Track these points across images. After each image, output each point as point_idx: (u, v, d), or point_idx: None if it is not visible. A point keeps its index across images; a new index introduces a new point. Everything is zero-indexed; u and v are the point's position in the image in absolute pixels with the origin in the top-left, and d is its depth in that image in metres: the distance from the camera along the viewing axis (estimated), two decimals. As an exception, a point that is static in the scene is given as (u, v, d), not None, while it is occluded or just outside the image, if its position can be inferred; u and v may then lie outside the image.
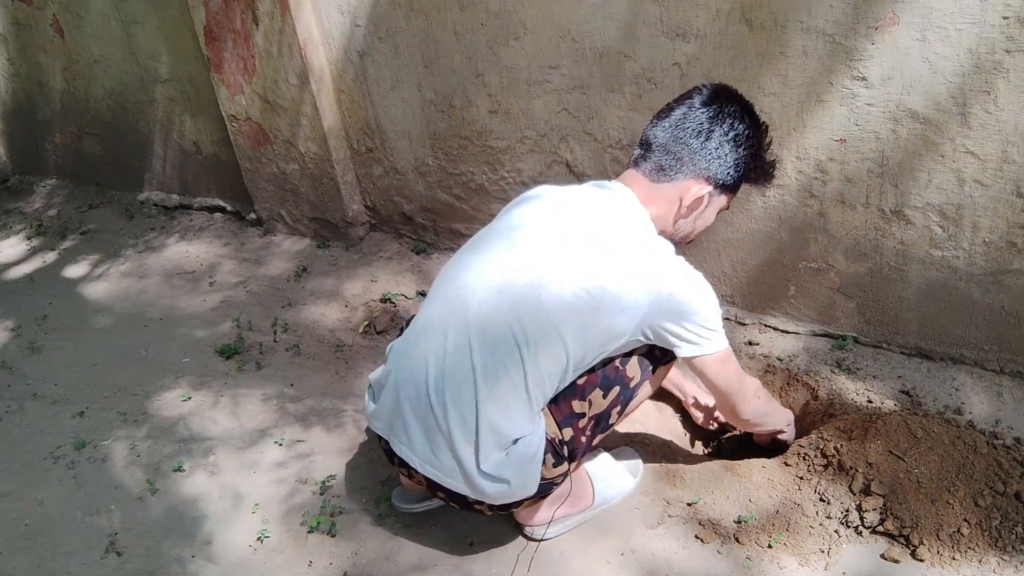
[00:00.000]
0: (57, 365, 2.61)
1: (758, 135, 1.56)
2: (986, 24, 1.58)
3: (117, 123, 3.50)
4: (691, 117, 1.51)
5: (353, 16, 2.52)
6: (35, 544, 1.93)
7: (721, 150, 1.51)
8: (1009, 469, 1.67)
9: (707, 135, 1.50)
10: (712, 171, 1.52)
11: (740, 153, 1.52)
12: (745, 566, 1.63)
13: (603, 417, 1.57)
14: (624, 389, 1.56)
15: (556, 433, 1.53)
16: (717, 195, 1.57)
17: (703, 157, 1.51)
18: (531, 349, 1.43)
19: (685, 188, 1.53)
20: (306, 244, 3.09)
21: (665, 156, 1.52)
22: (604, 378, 1.54)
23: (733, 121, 1.51)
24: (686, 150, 1.51)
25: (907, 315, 2.01)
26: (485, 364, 1.44)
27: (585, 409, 1.54)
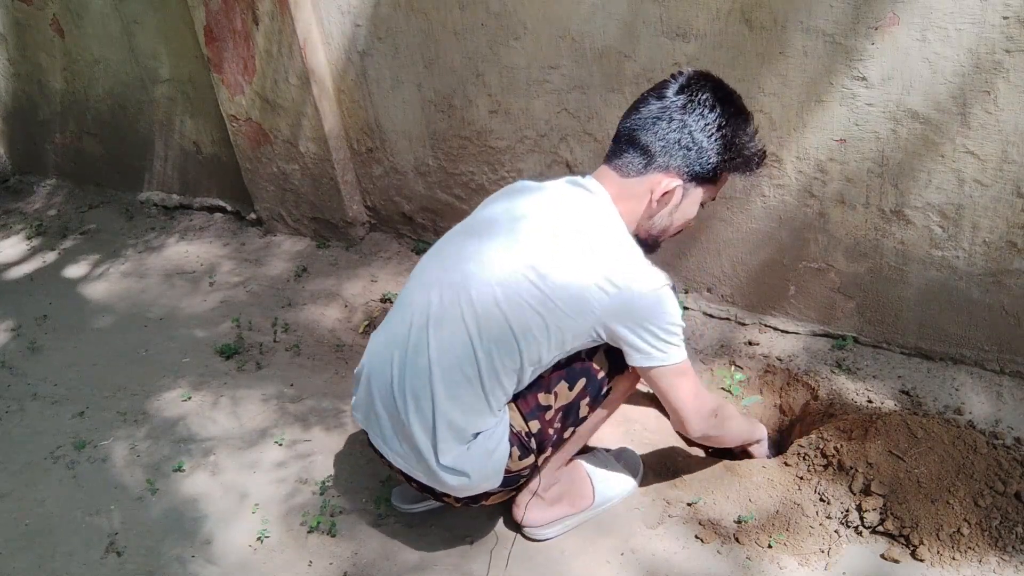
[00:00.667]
0: (57, 365, 2.61)
1: (735, 124, 1.48)
2: (986, 24, 1.58)
3: (117, 123, 3.50)
4: (661, 108, 1.46)
5: (353, 16, 2.52)
6: (35, 544, 1.93)
7: (691, 141, 1.45)
8: (1009, 469, 1.67)
9: (676, 126, 1.44)
10: (682, 164, 1.47)
11: (712, 144, 1.45)
12: (745, 566, 1.63)
13: (571, 409, 1.56)
14: (592, 381, 1.55)
15: (522, 426, 1.53)
16: (692, 188, 1.50)
17: (671, 149, 1.45)
18: (484, 346, 1.44)
19: (655, 182, 1.48)
20: (306, 244, 3.09)
21: (634, 150, 1.48)
22: (569, 370, 1.53)
23: (703, 110, 1.44)
24: (655, 143, 1.46)
25: (907, 315, 2.01)
26: (441, 359, 1.47)
27: (551, 402, 1.53)
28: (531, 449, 1.55)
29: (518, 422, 1.53)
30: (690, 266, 2.31)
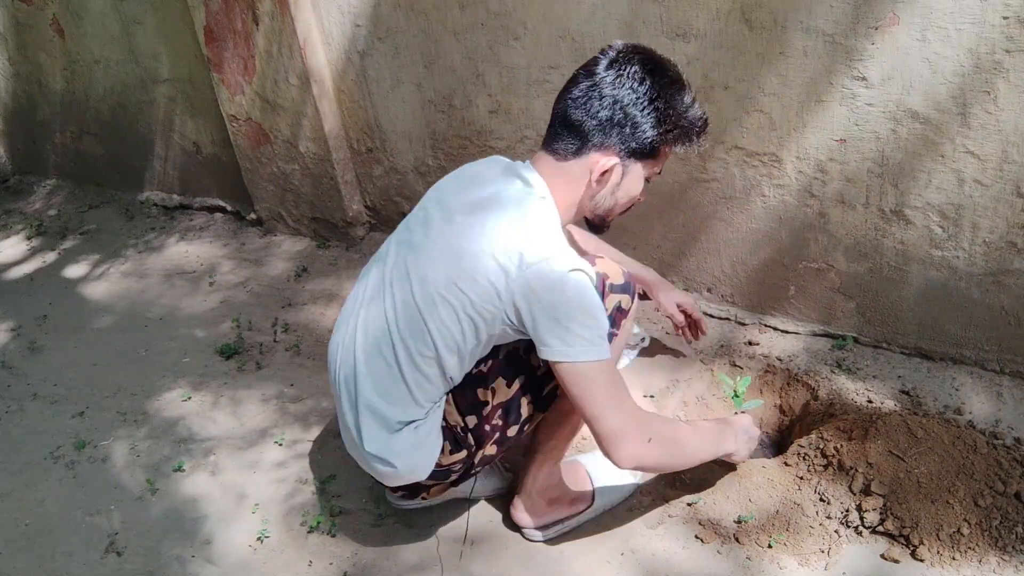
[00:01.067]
0: (57, 365, 2.61)
1: (668, 94, 1.41)
2: (986, 24, 1.58)
3: (117, 123, 3.50)
4: (590, 86, 1.41)
5: (353, 16, 2.52)
6: (35, 544, 1.93)
7: (623, 117, 1.40)
8: (1009, 469, 1.67)
9: (607, 103, 1.39)
10: (617, 141, 1.42)
11: (646, 117, 1.40)
12: (745, 566, 1.63)
13: (511, 406, 1.52)
14: (532, 379, 1.50)
15: (458, 420, 1.52)
16: (632, 164, 1.45)
17: (605, 127, 1.41)
18: (400, 335, 1.46)
19: (592, 162, 1.43)
20: (306, 244, 3.09)
21: (568, 132, 1.43)
22: (507, 366, 1.50)
23: (633, 84, 1.39)
24: (588, 122, 1.41)
25: (907, 315, 2.01)
26: (366, 347, 1.51)
27: (489, 397, 1.51)
28: (466, 444, 1.53)
29: (453, 416, 1.52)
30: (690, 266, 2.31)
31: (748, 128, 1.98)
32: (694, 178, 2.15)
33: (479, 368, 1.51)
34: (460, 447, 1.54)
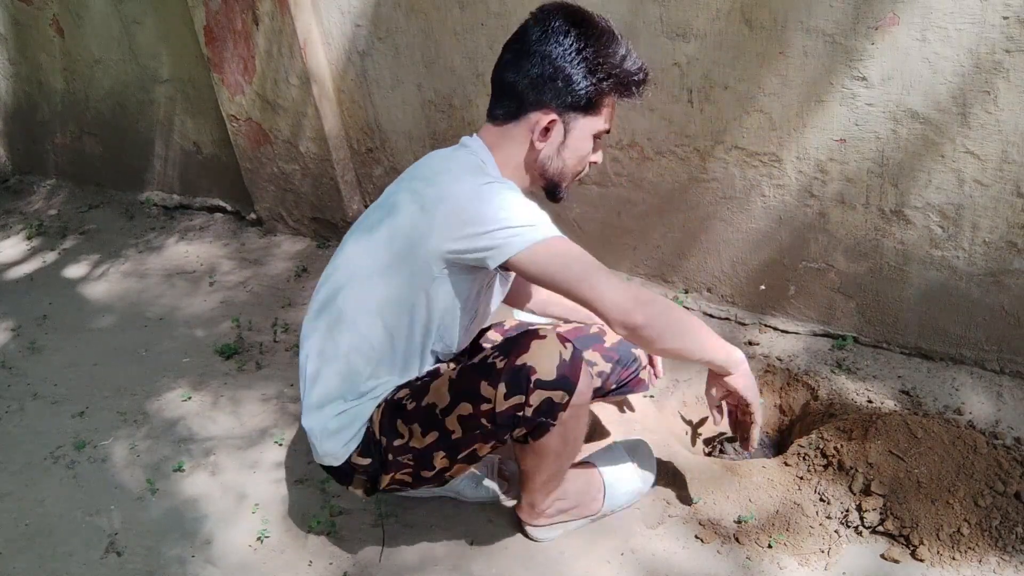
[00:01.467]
0: (57, 365, 2.61)
1: (597, 44, 1.40)
2: (986, 24, 1.58)
3: (117, 123, 3.50)
4: (519, 48, 1.43)
5: (353, 16, 2.52)
6: (35, 544, 1.93)
7: (553, 71, 1.40)
8: (1009, 469, 1.67)
9: (536, 60, 1.40)
10: (553, 96, 1.41)
11: (576, 68, 1.39)
12: (745, 566, 1.63)
13: (424, 457, 1.48)
14: (444, 439, 1.45)
15: (376, 431, 1.50)
16: (573, 119, 1.44)
17: (538, 84, 1.41)
18: (342, 313, 1.49)
19: (532, 122, 1.44)
20: (306, 244, 3.09)
21: (505, 96, 1.45)
22: (424, 417, 1.45)
23: (559, 37, 1.39)
24: (521, 82, 1.42)
25: (907, 315, 2.01)
26: (317, 327, 1.54)
27: (405, 436, 1.48)
28: (373, 454, 1.51)
29: (376, 424, 1.51)
30: (690, 266, 2.31)
31: (748, 128, 1.98)
32: (694, 178, 2.15)
33: (407, 402, 1.48)
34: (368, 454, 1.51)
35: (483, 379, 1.39)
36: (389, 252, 1.44)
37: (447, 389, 1.44)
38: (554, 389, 1.37)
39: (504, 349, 1.40)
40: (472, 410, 1.41)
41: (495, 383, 1.37)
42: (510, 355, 1.38)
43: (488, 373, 1.39)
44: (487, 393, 1.38)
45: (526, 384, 1.36)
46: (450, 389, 1.43)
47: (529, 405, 1.37)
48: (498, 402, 1.37)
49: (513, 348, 1.39)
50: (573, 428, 1.47)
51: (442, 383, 1.45)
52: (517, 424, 1.40)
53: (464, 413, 1.41)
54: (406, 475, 1.52)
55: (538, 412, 1.38)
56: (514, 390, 1.36)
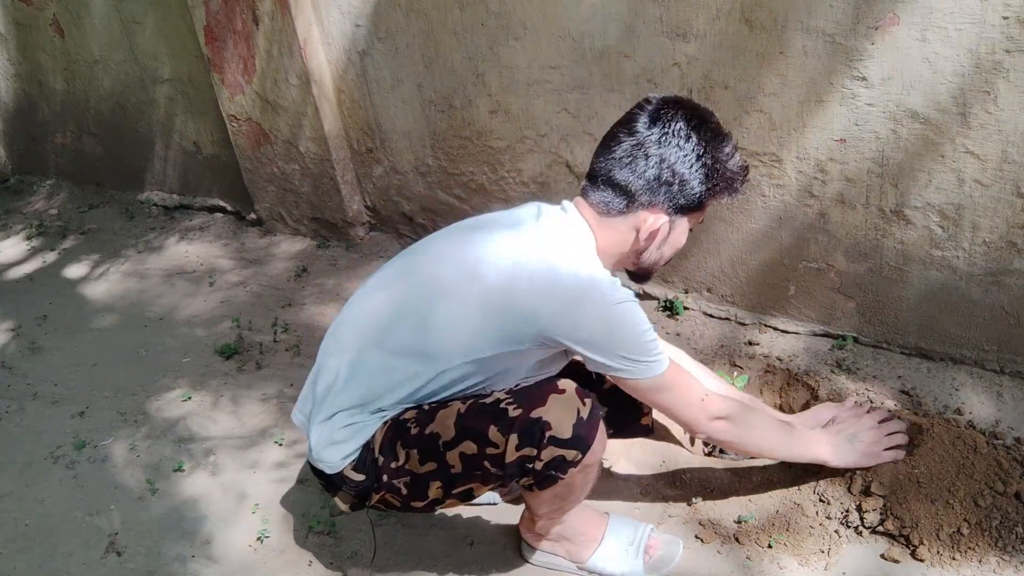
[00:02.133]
0: (57, 365, 2.61)
1: (713, 149, 1.40)
2: (986, 24, 1.58)
3: (117, 123, 3.50)
4: (635, 145, 1.39)
5: (353, 16, 2.52)
6: (35, 544, 1.93)
7: (671, 175, 1.39)
8: (1009, 469, 1.67)
9: (654, 163, 1.38)
10: (665, 199, 1.41)
11: (694, 174, 1.40)
12: (745, 566, 1.63)
13: (419, 482, 1.44)
14: (443, 471, 1.41)
15: (375, 448, 1.47)
16: (679, 219, 1.46)
17: (653, 186, 1.40)
18: (410, 346, 1.43)
19: (640, 220, 1.43)
20: (306, 244, 3.09)
21: (613, 190, 1.42)
22: (425, 444, 1.41)
23: (680, 142, 1.38)
24: (634, 182, 1.40)
25: (907, 315, 2.01)
26: (367, 343, 1.48)
27: (401, 457, 1.44)
28: (366, 471, 1.47)
29: (377, 441, 1.47)
30: (690, 266, 2.31)
31: (748, 128, 1.98)
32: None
33: (411, 425, 1.44)
34: (363, 470, 1.48)
35: (494, 424, 1.36)
36: (485, 308, 1.37)
37: (453, 423, 1.39)
38: (568, 448, 1.34)
39: (520, 397, 1.37)
40: (476, 451, 1.37)
41: (506, 432, 1.34)
42: (525, 406, 1.35)
43: (499, 419, 1.35)
44: (496, 439, 1.35)
45: (540, 439, 1.33)
46: (456, 424, 1.39)
47: (540, 460, 1.34)
48: (508, 452, 1.34)
49: (529, 398, 1.36)
50: (580, 482, 1.45)
51: (449, 415, 1.41)
52: (524, 474, 1.37)
53: (468, 452, 1.38)
54: (395, 498, 1.49)
55: (548, 466, 1.35)
56: (526, 443, 1.33)
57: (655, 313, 2.39)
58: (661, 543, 1.66)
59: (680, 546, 1.66)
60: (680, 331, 2.31)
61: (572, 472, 1.38)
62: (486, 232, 1.46)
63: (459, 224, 1.56)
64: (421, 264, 1.50)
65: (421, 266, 1.50)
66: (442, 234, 1.55)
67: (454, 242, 1.50)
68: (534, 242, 1.41)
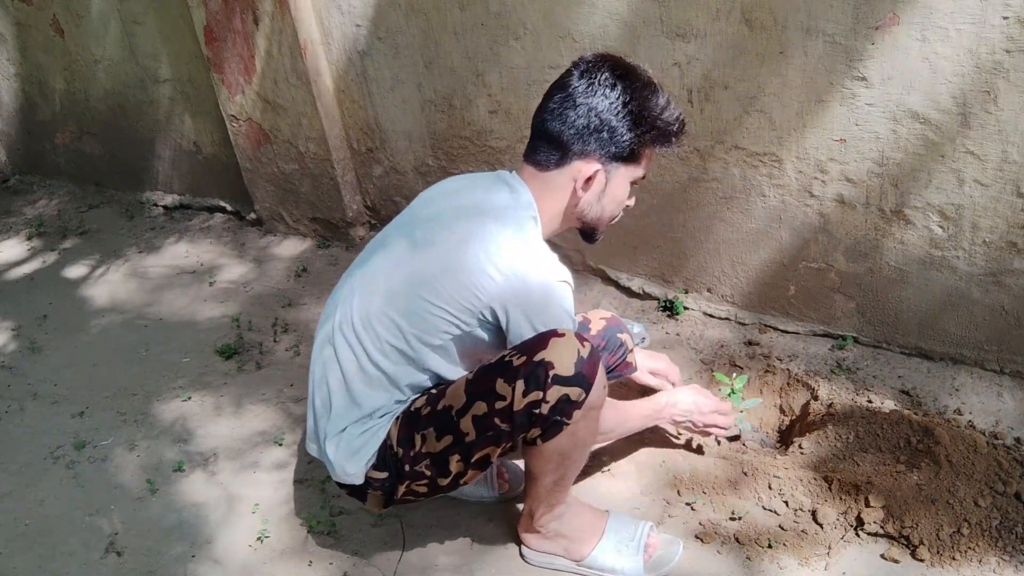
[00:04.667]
0: (57, 365, 2.61)
1: (642, 97, 1.45)
2: (986, 24, 1.58)
3: (117, 123, 3.50)
4: (564, 97, 1.46)
5: (353, 16, 2.52)
6: (35, 544, 1.93)
7: (599, 123, 1.44)
8: (1009, 469, 1.67)
9: (582, 111, 1.44)
10: (597, 147, 1.46)
11: (621, 121, 1.44)
12: (745, 566, 1.63)
13: (439, 460, 1.48)
14: (459, 441, 1.45)
15: (393, 443, 1.50)
16: (615, 168, 1.49)
17: (583, 135, 1.45)
18: (372, 324, 1.49)
19: (576, 170, 1.48)
20: (306, 244, 3.09)
21: (548, 143, 1.48)
22: (439, 420, 1.46)
23: (605, 90, 1.43)
24: (566, 132, 1.45)
25: (907, 315, 2.01)
26: (336, 347, 1.54)
27: (418, 442, 1.48)
28: (388, 467, 1.51)
29: (393, 437, 1.51)
30: (690, 266, 2.31)
31: (748, 128, 1.98)
32: (694, 178, 2.15)
33: (421, 409, 1.49)
34: (384, 467, 1.51)
35: (499, 377, 1.40)
36: (451, 291, 1.44)
37: (463, 390, 1.44)
38: (571, 386, 1.38)
39: (522, 348, 1.41)
40: (487, 409, 1.41)
41: (512, 380, 1.38)
42: (528, 352, 1.39)
43: (505, 371, 1.40)
44: (503, 391, 1.39)
45: (544, 379, 1.37)
46: (466, 390, 1.44)
47: (546, 402, 1.38)
48: (516, 399, 1.38)
49: (531, 346, 1.40)
50: (584, 430, 1.47)
51: (459, 385, 1.46)
52: (532, 423, 1.40)
53: (479, 413, 1.41)
54: (422, 485, 1.52)
55: (554, 410, 1.39)
56: (532, 386, 1.37)
57: (655, 313, 2.39)
58: (661, 543, 1.67)
59: (680, 547, 1.66)
60: (680, 331, 2.31)
61: (576, 416, 1.41)
62: (457, 229, 1.49)
63: (426, 206, 1.61)
64: (406, 258, 1.52)
65: (405, 263, 1.52)
66: (398, 231, 1.59)
67: (431, 238, 1.51)
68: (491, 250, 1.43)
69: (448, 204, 1.55)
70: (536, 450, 1.47)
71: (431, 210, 1.57)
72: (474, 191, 1.55)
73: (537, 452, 1.48)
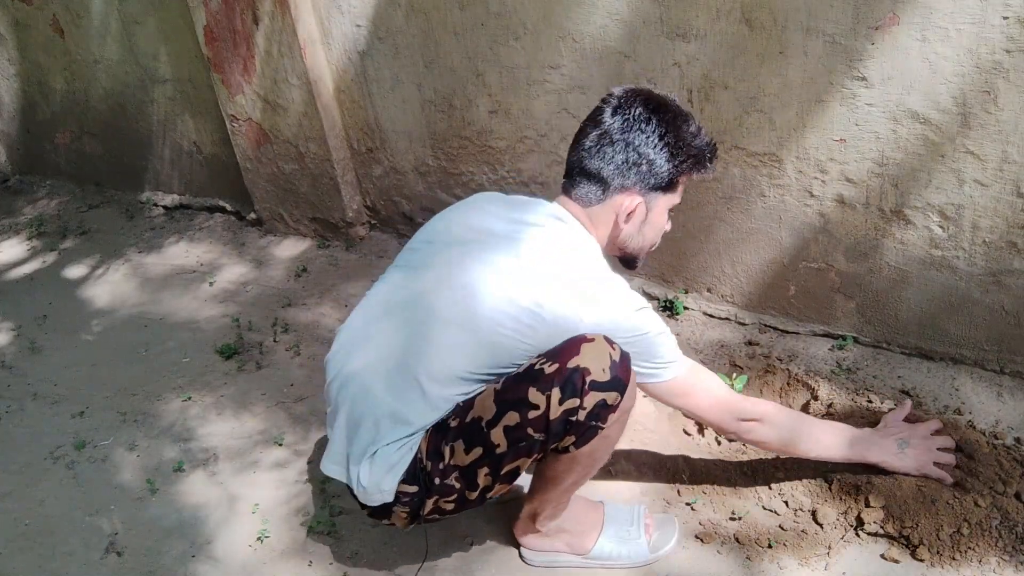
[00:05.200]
0: (57, 365, 2.61)
1: (674, 128, 1.50)
2: (986, 24, 1.58)
3: (117, 123, 3.50)
4: (600, 135, 1.50)
5: (353, 16, 2.52)
6: (35, 544, 1.93)
7: (638, 157, 1.49)
8: (1009, 469, 1.67)
9: (620, 148, 1.49)
10: (636, 180, 1.50)
11: (659, 153, 1.49)
12: (745, 566, 1.63)
13: (468, 474, 1.45)
14: (489, 454, 1.42)
15: (422, 458, 1.47)
16: (654, 198, 1.54)
17: (623, 170, 1.49)
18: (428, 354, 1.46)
19: (617, 204, 1.52)
20: (306, 244, 3.09)
21: (588, 180, 1.52)
22: (468, 432, 1.43)
23: (641, 125, 1.48)
24: (605, 169, 1.50)
25: (907, 315, 2.01)
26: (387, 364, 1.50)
27: (447, 455, 1.45)
28: (419, 482, 1.48)
29: (423, 451, 1.48)
30: (690, 266, 2.31)
31: (748, 128, 1.98)
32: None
33: (449, 421, 1.47)
34: (414, 481, 1.48)
35: (532, 386, 1.38)
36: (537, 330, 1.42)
37: (492, 400, 1.42)
38: (607, 390, 1.38)
39: (551, 355, 1.40)
40: (519, 419, 1.39)
41: (547, 388, 1.36)
42: (559, 359, 1.38)
43: (536, 379, 1.38)
44: (536, 400, 1.37)
45: (580, 387, 1.37)
46: (496, 400, 1.41)
47: (583, 408, 1.37)
48: (552, 408, 1.36)
49: (562, 353, 1.39)
50: (616, 432, 1.48)
51: (487, 396, 1.43)
52: (567, 431, 1.39)
53: (511, 423, 1.39)
54: (450, 501, 1.49)
55: (590, 416, 1.38)
56: (568, 393, 1.36)
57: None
58: (655, 522, 1.72)
59: (676, 523, 1.71)
60: (680, 331, 2.31)
61: (611, 419, 1.42)
62: (492, 256, 1.47)
63: (457, 227, 1.59)
64: (424, 296, 1.49)
65: (425, 298, 1.49)
66: (442, 248, 1.55)
67: (456, 266, 1.49)
68: (574, 290, 1.44)
69: (508, 242, 1.50)
70: (566, 456, 1.46)
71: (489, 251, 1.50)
72: (534, 231, 1.51)
73: (568, 458, 1.47)
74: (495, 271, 1.45)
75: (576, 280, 1.45)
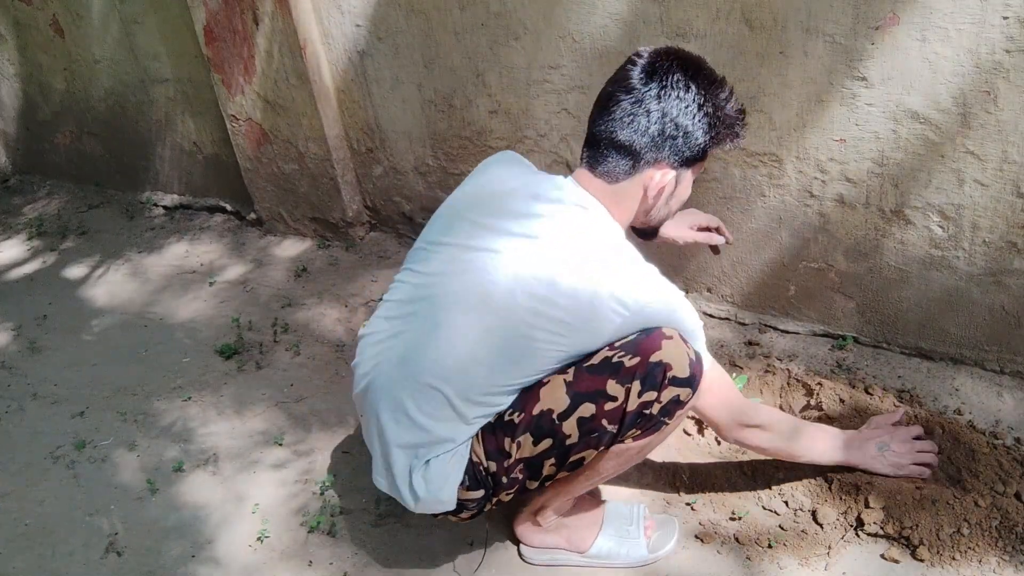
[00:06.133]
0: (57, 365, 2.61)
1: (712, 96, 1.38)
2: (986, 24, 1.58)
3: (117, 123, 3.50)
4: (634, 102, 1.36)
5: (353, 16, 2.52)
6: (35, 544, 1.93)
7: (675, 129, 1.36)
8: (1009, 469, 1.67)
9: (656, 118, 1.35)
10: (670, 153, 1.39)
11: (697, 124, 1.37)
12: (745, 566, 1.63)
13: (534, 465, 1.44)
14: (558, 445, 1.41)
15: (481, 460, 1.46)
16: (684, 172, 1.44)
17: (656, 144, 1.37)
18: (488, 359, 1.40)
19: (647, 178, 1.41)
20: (306, 244, 3.09)
21: (617, 153, 1.39)
22: (536, 425, 1.41)
23: (680, 93, 1.34)
24: (637, 141, 1.37)
25: (907, 315, 2.01)
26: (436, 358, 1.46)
27: (513, 450, 1.44)
28: (485, 485, 1.48)
29: (478, 455, 1.47)
30: (690, 266, 2.31)
31: (748, 128, 1.97)
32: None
33: (511, 417, 1.44)
34: (479, 486, 1.48)
35: (612, 378, 1.36)
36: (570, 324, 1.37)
37: (564, 392, 1.39)
38: (683, 387, 1.38)
39: (630, 348, 1.37)
40: (594, 411, 1.37)
41: (628, 381, 1.35)
42: (641, 353, 1.36)
43: (616, 371, 1.36)
44: (615, 392, 1.36)
45: (661, 381, 1.36)
46: (568, 392, 1.39)
47: (659, 402, 1.37)
48: (631, 400, 1.36)
49: (643, 347, 1.36)
50: (672, 429, 1.46)
51: (555, 387, 1.40)
52: (637, 423, 1.38)
53: (586, 415, 1.38)
54: (510, 493, 1.49)
55: (662, 410, 1.38)
56: (648, 387, 1.35)
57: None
58: (656, 523, 1.71)
59: (676, 524, 1.70)
60: (680, 331, 2.31)
61: (677, 415, 1.41)
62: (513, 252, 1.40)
63: (468, 219, 1.50)
64: (441, 295, 1.46)
65: (441, 298, 1.45)
66: (456, 249, 1.49)
67: (472, 271, 1.42)
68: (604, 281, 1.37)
69: (526, 226, 1.41)
70: (620, 447, 1.44)
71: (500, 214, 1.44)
72: (552, 219, 1.41)
73: (621, 449, 1.45)
74: (514, 273, 1.38)
75: (609, 278, 1.37)
